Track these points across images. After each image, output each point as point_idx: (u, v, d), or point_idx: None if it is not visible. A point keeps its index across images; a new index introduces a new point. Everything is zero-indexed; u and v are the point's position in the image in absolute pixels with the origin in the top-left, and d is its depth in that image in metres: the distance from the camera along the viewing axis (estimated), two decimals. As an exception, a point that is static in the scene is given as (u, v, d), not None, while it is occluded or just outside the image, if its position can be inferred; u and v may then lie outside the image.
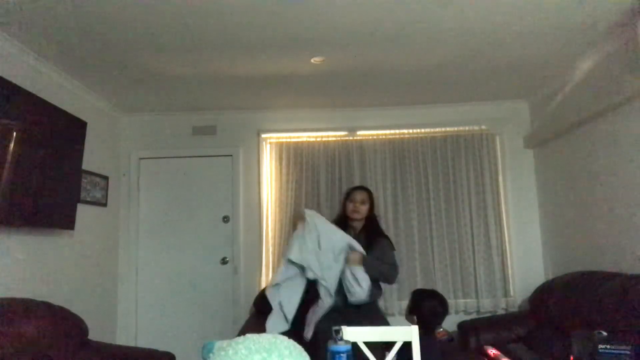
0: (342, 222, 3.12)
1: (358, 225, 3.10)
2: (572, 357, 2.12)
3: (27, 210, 2.69)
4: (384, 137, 4.14)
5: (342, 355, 1.50)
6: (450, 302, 3.94)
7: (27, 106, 2.64)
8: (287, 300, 2.83)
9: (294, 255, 2.76)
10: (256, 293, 3.75)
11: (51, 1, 2.28)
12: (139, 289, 4.09)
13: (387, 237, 3.10)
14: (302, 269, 2.80)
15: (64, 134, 3.03)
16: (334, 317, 2.57)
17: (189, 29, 2.63)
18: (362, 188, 3.23)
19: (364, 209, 3.07)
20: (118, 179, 4.10)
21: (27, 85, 2.67)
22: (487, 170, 4.05)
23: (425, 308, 2.56)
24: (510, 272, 3.95)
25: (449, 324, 3.77)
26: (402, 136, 4.14)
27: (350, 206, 3.08)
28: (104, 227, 3.85)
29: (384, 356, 1.87)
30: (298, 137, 4.15)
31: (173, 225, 4.16)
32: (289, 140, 4.16)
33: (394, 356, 1.84)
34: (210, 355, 0.87)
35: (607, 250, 3.04)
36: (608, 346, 2.00)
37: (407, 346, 1.85)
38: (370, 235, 3.03)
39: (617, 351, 1.99)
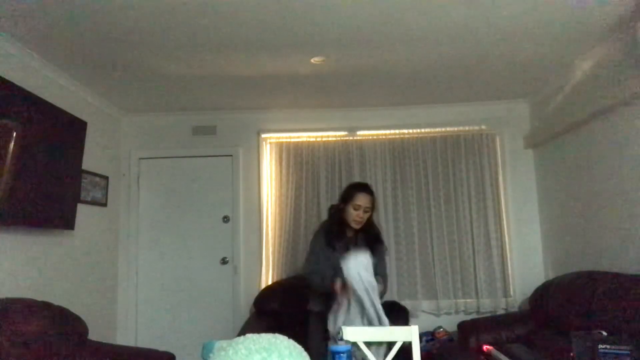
0: (339, 226, 2.68)
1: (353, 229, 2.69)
2: (572, 357, 2.12)
3: (27, 210, 2.69)
4: (384, 137, 4.14)
5: (342, 355, 1.50)
6: (450, 302, 3.95)
7: (27, 106, 2.64)
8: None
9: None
10: (256, 293, 3.75)
11: (51, 1, 2.28)
12: (139, 289, 4.09)
13: (383, 242, 2.81)
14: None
15: (64, 134, 3.03)
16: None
17: (190, 29, 2.63)
18: (367, 191, 2.68)
19: (367, 217, 2.64)
20: (118, 179, 4.10)
21: (27, 85, 2.67)
22: (487, 170, 4.05)
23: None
24: (510, 272, 3.95)
25: (449, 324, 3.78)
26: (402, 136, 4.14)
27: (353, 214, 2.60)
28: (104, 227, 3.85)
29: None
30: (298, 137, 4.15)
31: (173, 225, 4.16)
32: (289, 140, 4.15)
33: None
34: (210, 355, 0.87)
35: (607, 250, 3.04)
36: (608, 346, 2.00)
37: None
38: (370, 239, 2.69)
39: (617, 351, 1.99)
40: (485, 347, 3.03)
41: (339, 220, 2.68)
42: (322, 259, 2.65)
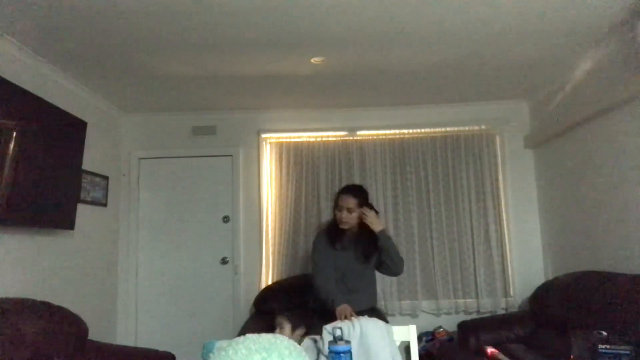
0: (336, 230, 2.75)
1: (353, 229, 2.74)
2: (572, 357, 2.12)
3: (27, 210, 2.69)
4: (384, 137, 4.14)
5: (342, 355, 1.50)
6: (450, 302, 3.95)
7: (27, 106, 2.64)
8: None
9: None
10: (256, 293, 3.75)
11: (51, 2, 2.28)
12: (139, 289, 4.09)
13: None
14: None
15: (64, 134, 3.03)
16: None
17: (189, 28, 2.63)
18: (348, 191, 2.75)
19: (352, 217, 2.68)
20: (118, 179, 4.10)
21: (27, 85, 2.67)
22: (487, 170, 4.06)
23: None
24: (510, 272, 3.95)
25: (449, 323, 3.78)
26: (402, 136, 4.14)
27: (337, 215, 2.71)
28: (104, 227, 3.85)
29: None
30: (298, 137, 4.15)
31: (173, 225, 4.16)
32: (289, 140, 4.16)
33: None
34: (210, 355, 0.87)
35: (607, 250, 3.04)
36: (608, 346, 2.01)
37: None
38: (370, 233, 2.69)
39: (617, 351, 1.99)
40: (490, 351, 3.01)
41: (335, 225, 2.78)
42: (324, 256, 2.73)
